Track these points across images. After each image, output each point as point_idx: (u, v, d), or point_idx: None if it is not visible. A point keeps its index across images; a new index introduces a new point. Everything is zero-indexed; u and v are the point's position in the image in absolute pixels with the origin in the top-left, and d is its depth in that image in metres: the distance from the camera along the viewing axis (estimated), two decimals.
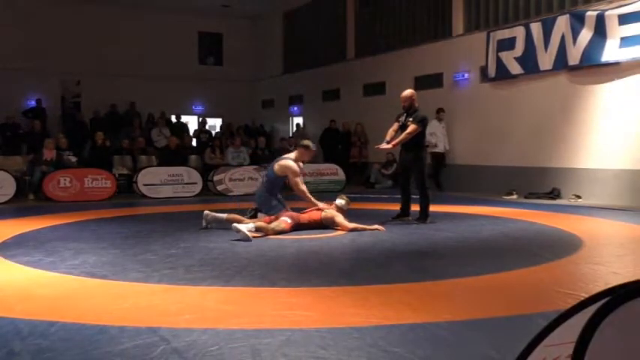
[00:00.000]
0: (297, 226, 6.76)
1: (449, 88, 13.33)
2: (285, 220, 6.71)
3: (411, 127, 7.43)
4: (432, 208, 9.43)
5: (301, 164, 7.21)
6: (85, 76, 17.54)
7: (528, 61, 11.30)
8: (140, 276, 4.49)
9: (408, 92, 7.72)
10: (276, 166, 7.04)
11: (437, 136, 12.63)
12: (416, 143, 7.54)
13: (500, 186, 11.64)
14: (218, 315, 3.45)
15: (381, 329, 3.15)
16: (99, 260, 5.15)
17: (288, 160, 7.04)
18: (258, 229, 6.44)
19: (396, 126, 7.69)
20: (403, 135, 7.46)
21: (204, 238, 6.32)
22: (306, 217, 6.91)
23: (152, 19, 18.48)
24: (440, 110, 12.76)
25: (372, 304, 3.67)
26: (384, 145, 7.48)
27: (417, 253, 5.61)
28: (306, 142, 7.25)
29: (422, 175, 7.62)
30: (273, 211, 6.96)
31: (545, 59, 10.98)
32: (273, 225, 6.61)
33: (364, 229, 6.81)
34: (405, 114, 7.65)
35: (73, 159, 12.51)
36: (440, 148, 12.75)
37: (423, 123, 7.52)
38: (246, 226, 6.28)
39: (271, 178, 7.04)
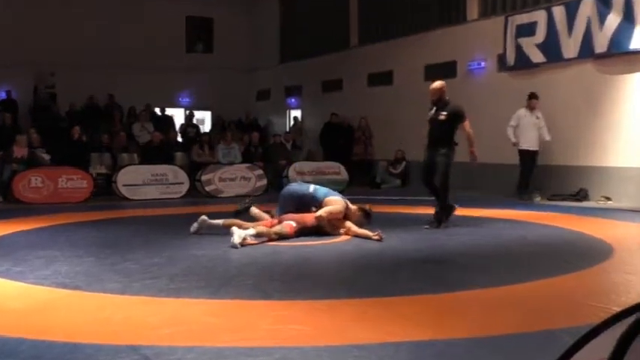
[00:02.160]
0: (303, 231, 6.70)
1: (463, 78, 13.30)
2: (289, 224, 6.64)
3: (467, 129, 7.74)
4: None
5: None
6: (60, 65, 17.51)
7: (551, 48, 11.28)
8: (118, 287, 4.47)
9: (437, 84, 7.89)
10: (328, 199, 7.01)
11: (521, 129, 11.04)
12: (449, 138, 7.73)
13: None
14: (205, 330, 3.43)
15: (385, 347, 3.13)
16: (73, 269, 5.12)
17: (341, 201, 7.01)
18: (258, 235, 6.38)
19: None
20: (471, 137, 7.76)
21: (191, 245, 6.30)
22: (314, 220, 6.82)
23: (134, 2, 18.47)
24: (532, 96, 11.02)
25: (376, 318, 3.64)
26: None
27: (427, 261, 5.59)
28: (369, 207, 7.27)
29: (446, 172, 7.73)
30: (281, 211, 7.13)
31: (570, 46, 10.95)
32: (276, 229, 6.55)
33: (366, 236, 6.72)
34: (434, 108, 7.81)
35: (46, 156, 12.48)
36: (527, 145, 11.01)
37: (464, 115, 7.78)
38: (245, 232, 6.22)
39: (318, 197, 7.06)
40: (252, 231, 6.32)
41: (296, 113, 18.84)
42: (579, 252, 6.09)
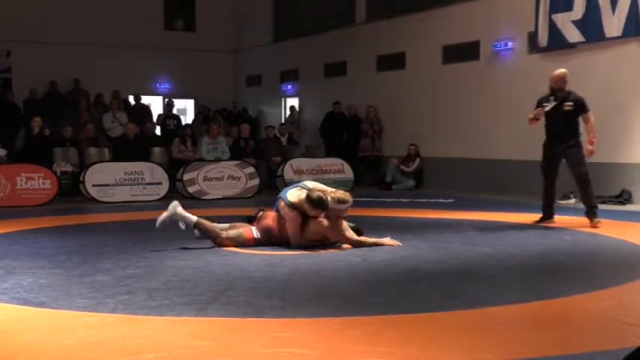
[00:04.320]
0: (270, 239, 6.72)
1: (487, 61, 13.33)
2: (249, 230, 6.74)
3: (591, 120, 8.17)
4: (463, 215, 9.48)
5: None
6: (17, 45, 17.53)
7: (590, 25, 11.30)
8: (89, 303, 4.51)
9: (562, 72, 8.32)
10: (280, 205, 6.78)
11: None
12: (576, 129, 8.21)
13: None
14: (190, 354, 3.46)
15: None
16: (36, 283, 5.16)
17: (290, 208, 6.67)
18: (199, 227, 6.59)
19: (538, 112, 8.20)
20: (594, 129, 8.17)
21: (172, 255, 6.35)
22: (271, 222, 6.75)
23: None
24: None
25: (388, 338, 3.68)
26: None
27: (447, 274, 5.63)
28: (312, 194, 6.59)
29: (585, 164, 8.20)
30: None
31: (613, 23, 10.98)
32: (233, 233, 6.69)
33: (375, 244, 6.78)
34: (552, 97, 8.19)
35: (2, 152, 12.51)
36: None
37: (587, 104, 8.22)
38: (185, 214, 6.55)
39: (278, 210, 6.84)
40: (194, 219, 6.56)
41: (293, 102, 18.85)
42: (621, 263, 6.13)
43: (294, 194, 6.71)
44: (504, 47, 12.98)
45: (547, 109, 8.17)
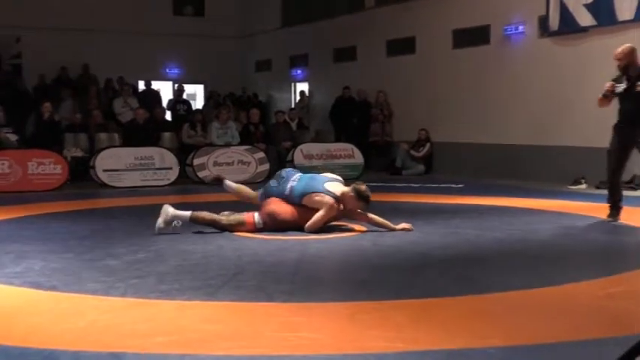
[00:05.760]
0: (277, 225, 6.65)
1: (498, 45, 13.25)
2: (251, 216, 6.68)
3: None
4: (473, 200, 9.46)
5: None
6: (27, 31, 17.55)
7: (602, 9, 11.22)
8: (100, 287, 4.54)
9: (627, 47, 7.41)
10: (307, 197, 6.68)
11: None
12: None
13: (565, 173, 11.60)
14: (200, 337, 3.48)
15: (409, 356, 3.18)
16: (47, 267, 5.19)
17: (324, 200, 6.64)
18: (198, 222, 6.62)
19: (608, 87, 7.39)
20: None
21: (181, 239, 6.36)
22: (290, 210, 6.68)
23: None
24: None
25: (398, 324, 3.69)
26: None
27: (457, 260, 5.63)
28: (361, 187, 6.72)
29: None
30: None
31: (624, 7, 10.89)
32: (233, 218, 6.68)
33: (388, 227, 6.79)
34: (624, 77, 7.38)
35: (13, 137, 12.56)
36: None
37: None
38: (180, 213, 6.57)
39: (294, 199, 6.75)
40: (188, 214, 6.56)
41: (302, 87, 18.83)
42: (632, 249, 6.11)
43: (334, 186, 6.73)
44: (515, 31, 12.91)
45: (619, 90, 7.33)
